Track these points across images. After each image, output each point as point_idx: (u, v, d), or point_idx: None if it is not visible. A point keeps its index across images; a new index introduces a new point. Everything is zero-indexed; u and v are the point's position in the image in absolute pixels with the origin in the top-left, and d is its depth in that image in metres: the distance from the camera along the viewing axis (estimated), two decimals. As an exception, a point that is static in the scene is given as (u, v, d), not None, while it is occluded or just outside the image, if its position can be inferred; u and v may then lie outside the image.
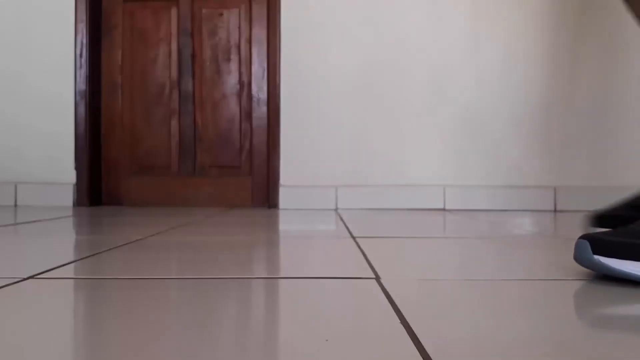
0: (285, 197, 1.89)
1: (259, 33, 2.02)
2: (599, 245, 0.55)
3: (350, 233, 1.09)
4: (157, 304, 0.50)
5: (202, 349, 0.37)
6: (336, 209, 1.85)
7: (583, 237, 0.56)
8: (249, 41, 2.03)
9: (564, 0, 1.89)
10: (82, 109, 1.96)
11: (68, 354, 0.37)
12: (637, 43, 1.88)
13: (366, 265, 0.70)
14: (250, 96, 2.03)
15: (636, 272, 0.54)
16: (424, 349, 0.36)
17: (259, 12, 2.02)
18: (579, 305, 0.51)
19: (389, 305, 0.48)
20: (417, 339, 0.38)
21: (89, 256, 0.77)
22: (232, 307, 0.49)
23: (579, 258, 0.56)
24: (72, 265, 0.70)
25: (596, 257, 0.55)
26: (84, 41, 1.96)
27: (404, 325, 0.42)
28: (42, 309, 0.48)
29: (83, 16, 1.96)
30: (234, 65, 2.03)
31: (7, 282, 0.57)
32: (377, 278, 0.61)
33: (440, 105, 1.90)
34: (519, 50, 1.89)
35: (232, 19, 2.04)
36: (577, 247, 0.56)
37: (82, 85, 1.96)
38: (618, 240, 0.55)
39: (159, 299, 0.52)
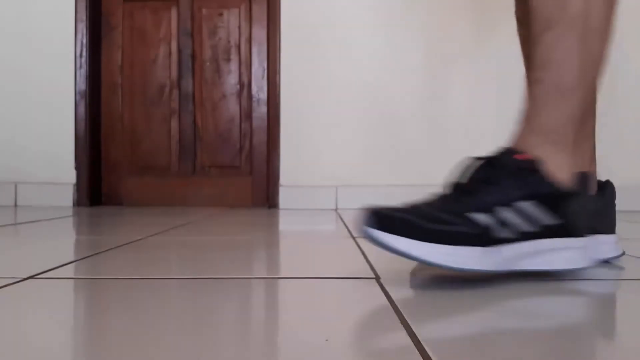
0: (285, 197, 1.89)
1: (259, 33, 2.02)
2: (381, 219, 0.54)
3: (351, 233, 1.09)
4: (157, 304, 0.50)
5: (202, 348, 0.37)
6: (336, 209, 1.85)
7: (367, 209, 0.55)
8: (249, 41, 2.03)
9: None
10: (82, 109, 1.96)
11: (68, 353, 0.37)
12: (637, 42, 1.88)
13: (366, 265, 0.70)
14: (250, 96, 2.03)
15: (407, 251, 0.53)
16: (424, 350, 0.36)
17: (259, 12, 2.02)
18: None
19: (389, 305, 0.48)
20: (418, 339, 0.38)
21: (89, 256, 0.77)
22: (232, 307, 0.49)
23: (359, 230, 0.55)
24: (72, 265, 0.70)
25: (375, 231, 0.54)
26: (84, 41, 1.96)
27: (403, 325, 0.42)
28: (42, 309, 0.48)
29: (83, 16, 1.96)
30: (233, 65, 2.03)
31: (7, 282, 0.57)
32: (377, 278, 0.61)
33: (441, 106, 1.90)
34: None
35: (232, 19, 2.04)
36: (360, 219, 0.55)
37: (82, 85, 1.96)
38: (399, 217, 0.54)
39: (159, 299, 0.52)
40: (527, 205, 0.56)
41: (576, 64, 0.59)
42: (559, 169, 0.59)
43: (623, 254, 0.71)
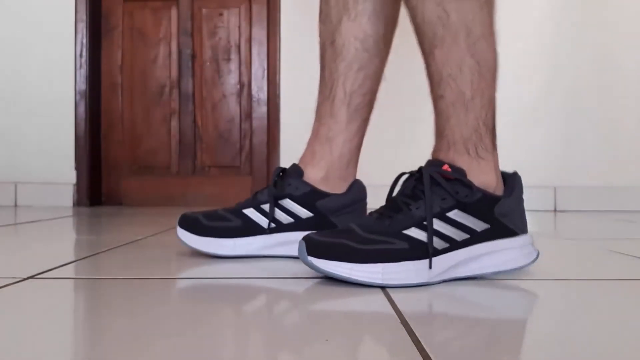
0: (285, 197, 1.89)
1: (259, 33, 2.02)
2: (311, 246, 0.56)
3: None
4: (157, 304, 0.50)
5: (202, 349, 0.37)
6: (336, 209, 1.84)
7: (304, 237, 0.58)
8: (249, 41, 2.03)
9: (567, 4, 1.89)
10: (82, 109, 1.96)
11: (68, 354, 0.37)
12: (636, 42, 1.88)
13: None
14: (250, 96, 2.03)
15: (334, 271, 0.55)
16: (424, 350, 0.36)
17: (259, 12, 2.02)
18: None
19: (390, 305, 0.48)
20: (417, 339, 0.38)
21: (89, 256, 0.77)
22: (232, 307, 0.49)
23: (300, 259, 0.58)
24: (72, 265, 0.70)
25: (309, 257, 0.56)
26: (84, 41, 1.96)
27: (404, 326, 0.42)
28: (42, 309, 0.48)
29: (83, 16, 1.96)
30: (233, 65, 2.03)
31: (7, 282, 0.57)
32: (377, 278, 0.61)
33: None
34: (518, 48, 1.89)
35: (232, 18, 2.03)
36: (299, 248, 0.57)
37: (82, 85, 1.96)
38: (323, 241, 0.57)
39: (159, 299, 0.52)
40: (455, 214, 0.58)
41: (470, 74, 0.60)
42: (483, 175, 0.61)
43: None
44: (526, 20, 1.89)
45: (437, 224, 0.57)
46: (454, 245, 0.58)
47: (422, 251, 0.56)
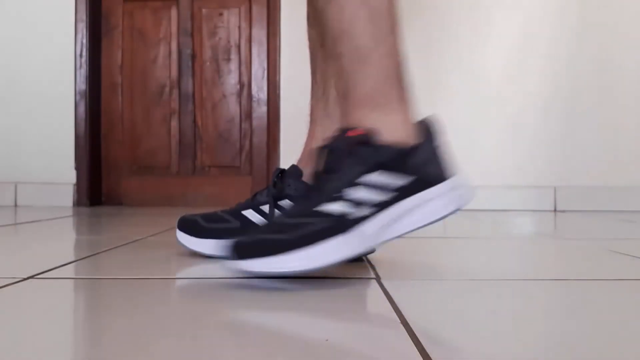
0: (285, 197, 1.89)
1: (259, 33, 2.02)
2: (239, 249, 0.54)
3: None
4: (157, 304, 0.50)
5: (202, 348, 0.37)
6: (336, 209, 1.84)
7: (231, 243, 0.56)
8: (249, 41, 2.03)
9: (567, 5, 1.89)
10: (82, 109, 1.96)
11: (68, 354, 0.37)
12: (636, 42, 1.88)
13: (366, 265, 0.70)
14: (250, 96, 2.03)
15: (281, 269, 0.54)
16: (424, 350, 0.36)
17: (259, 12, 2.02)
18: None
19: (390, 305, 0.48)
20: (418, 339, 0.38)
21: (89, 256, 0.77)
22: (232, 307, 0.49)
23: (227, 265, 0.55)
24: (72, 265, 0.70)
25: (238, 262, 0.54)
26: (84, 41, 1.96)
27: (404, 326, 0.42)
28: (42, 309, 0.48)
29: (83, 16, 1.96)
30: (233, 65, 2.03)
31: (7, 282, 0.57)
32: (378, 278, 0.61)
33: (440, 106, 1.90)
34: (517, 48, 1.89)
35: (232, 18, 2.03)
36: (226, 254, 0.55)
37: (82, 85, 1.96)
38: (255, 240, 0.55)
39: (159, 299, 0.52)
40: (374, 177, 0.56)
41: (365, 26, 0.59)
42: (394, 129, 0.59)
43: (372, 251, 0.67)
44: (526, 20, 1.89)
45: (359, 190, 0.56)
46: (380, 206, 0.56)
47: (346, 223, 0.54)
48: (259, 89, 2.02)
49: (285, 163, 1.90)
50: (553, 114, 1.89)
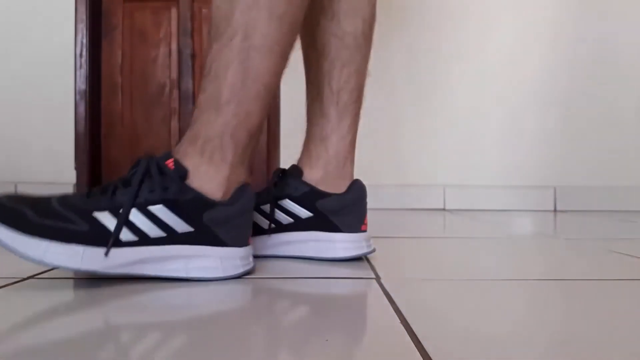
0: (285, 197, 1.89)
1: (259, 33, 2.02)
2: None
3: (350, 233, 1.08)
4: (157, 304, 0.50)
5: (202, 348, 0.37)
6: (336, 209, 1.84)
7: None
8: (249, 41, 2.02)
9: (566, 3, 1.89)
10: (82, 108, 1.96)
11: (68, 354, 0.37)
12: (637, 42, 1.88)
13: (366, 265, 0.70)
14: (250, 96, 2.03)
15: (9, 243, 0.52)
16: (424, 350, 0.36)
17: (259, 12, 2.02)
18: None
19: (389, 305, 0.48)
20: (418, 339, 0.38)
21: (89, 256, 0.76)
22: (232, 307, 0.49)
23: None
24: (72, 265, 0.70)
25: None
26: (84, 41, 1.96)
27: (404, 326, 0.42)
28: (43, 308, 0.48)
29: (83, 16, 1.96)
30: (234, 65, 2.03)
31: (7, 282, 0.57)
32: (378, 278, 0.61)
33: (440, 106, 1.90)
34: (519, 50, 1.89)
35: (232, 19, 2.03)
36: None
37: (82, 85, 1.96)
38: (12, 207, 0.53)
39: (159, 299, 0.52)
40: (159, 210, 0.55)
41: (232, 78, 0.58)
42: (207, 180, 0.58)
43: (372, 251, 0.74)
44: (526, 20, 1.89)
45: (135, 216, 0.54)
46: (144, 240, 0.55)
47: (102, 238, 0.53)
48: (259, 89, 2.02)
49: (285, 163, 1.90)
50: (553, 114, 1.89)
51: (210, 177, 0.59)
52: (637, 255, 0.79)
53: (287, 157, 1.90)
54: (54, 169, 1.96)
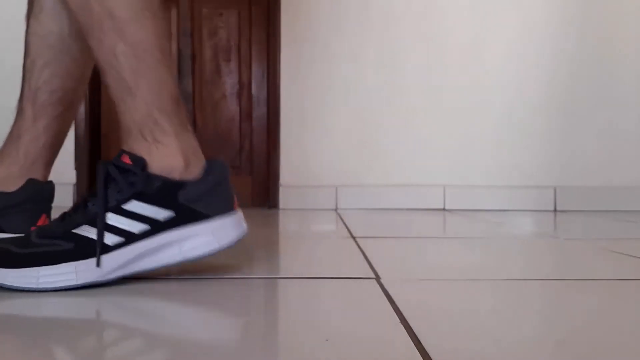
0: (285, 197, 1.89)
1: (259, 33, 2.02)
2: None
3: (351, 233, 1.09)
4: (157, 304, 0.50)
5: (202, 348, 0.37)
6: (336, 209, 1.85)
7: None
8: (249, 41, 2.03)
9: (566, 4, 1.89)
10: (82, 109, 1.96)
11: (68, 354, 0.37)
12: (637, 42, 1.88)
13: (366, 265, 0.70)
14: (250, 96, 2.03)
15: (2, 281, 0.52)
16: (424, 349, 0.36)
17: (259, 12, 2.02)
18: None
19: (389, 305, 0.48)
20: (418, 339, 0.38)
21: (89, 256, 0.76)
22: (232, 307, 0.49)
23: None
24: (72, 265, 0.70)
25: None
26: (84, 41, 1.96)
27: (404, 326, 0.42)
28: (42, 308, 0.48)
29: (83, 16, 1.96)
30: (233, 65, 2.03)
31: (7, 282, 0.57)
32: (377, 278, 0.61)
33: (440, 106, 1.90)
34: (517, 49, 1.89)
35: (232, 19, 2.03)
36: None
37: (82, 85, 1.95)
38: None
39: (159, 299, 0.52)
40: (134, 206, 0.55)
41: (125, 59, 0.57)
42: (164, 159, 0.58)
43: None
44: (526, 20, 1.89)
45: (113, 218, 0.55)
46: (130, 238, 0.55)
47: (90, 249, 0.53)
48: (259, 89, 2.02)
49: (285, 163, 1.90)
50: (553, 114, 1.89)
51: (164, 155, 0.58)
52: (637, 255, 0.79)
53: (287, 157, 1.90)
54: (54, 169, 1.95)
